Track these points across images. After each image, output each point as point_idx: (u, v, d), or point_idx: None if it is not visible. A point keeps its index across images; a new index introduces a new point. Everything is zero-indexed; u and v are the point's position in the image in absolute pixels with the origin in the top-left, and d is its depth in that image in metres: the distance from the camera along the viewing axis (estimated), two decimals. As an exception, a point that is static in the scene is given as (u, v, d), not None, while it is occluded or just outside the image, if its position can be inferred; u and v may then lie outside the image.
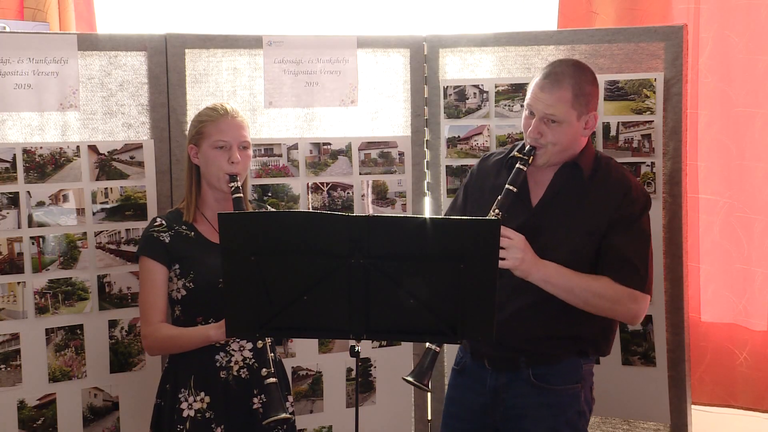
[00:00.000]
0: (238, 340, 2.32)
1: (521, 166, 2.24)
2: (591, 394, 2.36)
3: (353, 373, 3.00)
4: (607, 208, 2.23)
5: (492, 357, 2.31)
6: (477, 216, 2.20)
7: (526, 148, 2.26)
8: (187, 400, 2.29)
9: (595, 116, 2.27)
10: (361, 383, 3.04)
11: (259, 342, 2.24)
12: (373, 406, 3.07)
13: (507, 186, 2.23)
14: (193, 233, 2.36)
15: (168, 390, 2.34)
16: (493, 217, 2.16)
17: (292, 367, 2.97)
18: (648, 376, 2.98)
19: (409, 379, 2.13)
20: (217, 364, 2.31)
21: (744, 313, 3.34)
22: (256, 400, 2.31)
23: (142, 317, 2.35)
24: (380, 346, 3.06)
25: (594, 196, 2.25)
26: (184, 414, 2.28)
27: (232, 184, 2.30)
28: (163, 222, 2.36)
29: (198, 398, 2.29)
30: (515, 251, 2.13)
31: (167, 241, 2.32)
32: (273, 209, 2.67)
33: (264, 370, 2.18)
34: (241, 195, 2.29)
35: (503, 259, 2.09)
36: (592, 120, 2.26)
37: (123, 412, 2.81)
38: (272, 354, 2.21)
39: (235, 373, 2.32)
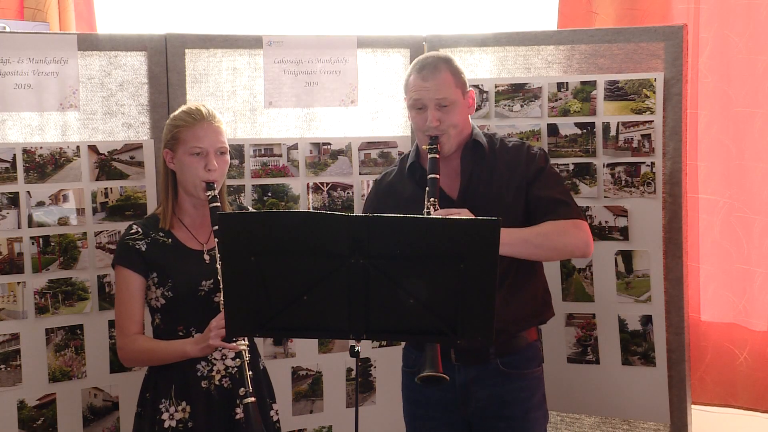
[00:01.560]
0: (220, 349, 2.25)
1: (434, 155, 2.31)
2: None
3: (353, 373, 3.00)
4: (518, 171, 2.35)
5: (461, 351, 2.33)
6: None
7: (428, 142, 2.32)
8: (168, 410, 2.25)
9: (472, 93, 2.41)
10: (361, 383, 3.04)
11: (237, 359, 2.21)
12: (373, 406, 3.07)
13: (429, 176, 2.29)
14: (170, 240, 2.30)
15: (148, 399, 2.30)
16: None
17: (292, 367, 2.98)
18: (648, 376, 2.98)
19: (426, 374, 2.07)
20: (198, 374, 2.27)
21: (744, 312, 3.34)
22: (239, 410, 2.25)
23: (117, 328, 2.30)
24: (380, 346, 3.06)
25: (501, 166, 2.37)
26: (166, 425, 2.24)
27: (209, 192, 2.23)
28: (139, 229, 2.29)
29: (179, 408, 2.26)
30: None
31: (143, 249, 2.27)
32: (253, 210, 2.64)
33: (242, 389, 2.12)
34: (219, 204, 2.23)
35: None
36: (472, 97, 2.41)
37: (123, 412, 2.81)
38: (250, 372, 2.14)
39: (217, 383, 2.28)
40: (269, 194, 2.96)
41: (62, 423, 2.73)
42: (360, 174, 3.04)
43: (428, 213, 2.24)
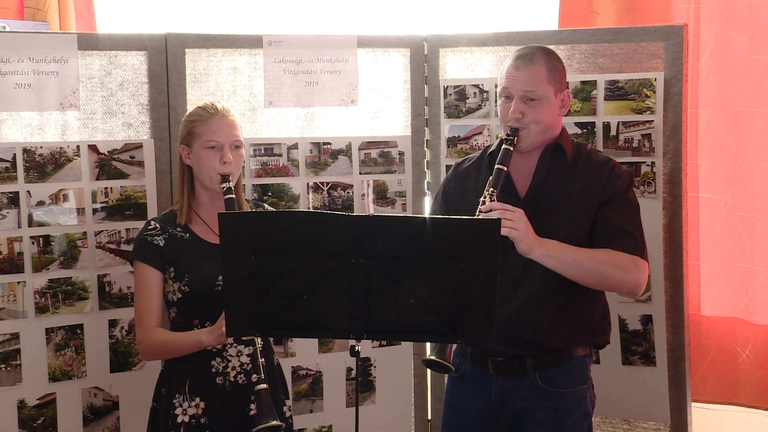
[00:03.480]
0: (235, 345, 2.30)
1: (507, 146, 2.23)
2: (593, 391, 2.36)
3: (353, 373, 3.00)
4: (595, 189, 2.24)
5: (497, 362, 2.27)
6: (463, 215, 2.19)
7: (507, 132, 2.25)
8: (181, 405, 2.27)
9: (568, 94, 2.31)
10: (361, 383, 3.04)
11: (249, 347, 2.21)
12: (373, 405, 3.07)
13: (497, 166, 2.22)
14: (188, 235, 2.33)
15: (163, 394, 2.32)
16: (497, 215, 2.13)
17: (292, 367, 2.98)
18: (648, 376, 2.98)
19: (432, 358, 2.03)
20: (213, 370, 2.29)
21: (746, 312, 3.35)
22: (253, 406, 2.25)
23: (137, 322, 2.33)
24: (380, 345, 3.06)
25: (580, 178, 2.26)
26: (179, 419, 2.26)
27: (224, 184, 2.26)
28: (157, 225, 2.33)
29: (193, 404, 2.27)
30: (519, 222, 2.10)
31: (161, 244, 2.30)
32: (271, 208, 2.66)
33: (254, 375, 2.13)
34: (233, 196, 2.26)
35: (508, 228, 2.07)
36: (567, 98, 2.30)
37: (123, 412, 2.81)
38: (262, 359, 2.16)
39: (232, 379, 2.29)
40: (269, 194, 2.96)
41: (62, 423, 2.73)
42: (360, 174, 3.04)
43: (484, 202, 2.16)
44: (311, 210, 2.96)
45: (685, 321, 2.98)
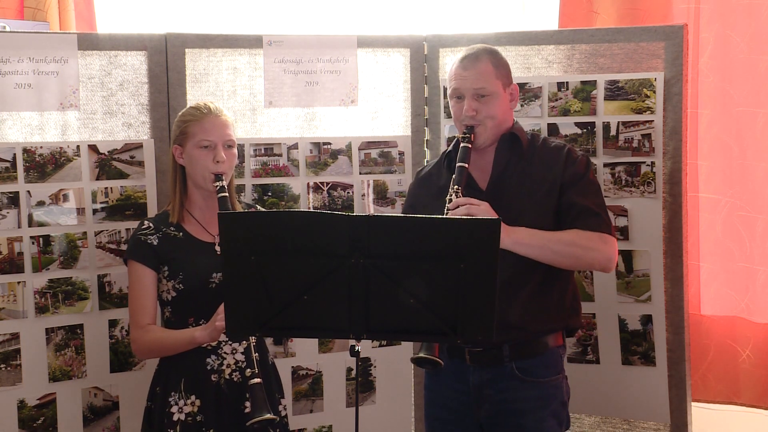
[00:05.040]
0: (230, 342, 2.30)
1: (465, 144, 2.29)
2: (567, 382, 2.40)
3: (353, 373, 3.00)
4: (554, 172, 2.30)
5: (474, 353, 2.31)
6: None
7: (463, 131, 2.31)
8: (177, 404, 2.27)
9: (516, 88, 2.38)
10: (361, 383, 3.04)
11: (243, 342, 2.22)
12: (373, 405, 3.07)
13: (458, 164, 2.27)
14: (181, 233, 2.34)
15: (158, 393, 2.32)
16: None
17: (292, 367, 2.97)
18: (648, 376, 2.98)
19: (421, 355, 2.07)
20: (208, 367, 2.29)
21: (747, 311, 3.35)
22: (248, 404, 2.27)
23: (131, 320, 2.33)
24: (380, 345, 3.06)
25: (538, 163, 2.33)
26: (174, 417, 2.26)
27: (217, 183, 2.28)
28: (151, 225, 2.34)
29: (188, 402, 2.27)
30: (485, 215, 2.16)
31: (155, 243, 2.31)
32: (263, 209, 2.66)
33: (248, 370, 2.15)
34: (226, 194, 2.28)
35: None
36: (515, 91, 2.38)
37: (123, 412, 2.81)
38: (256, 354, 2.18)
39: (227, 377, 2.30)
40: (269, 194, 2.96)
41: (62, 423, 2.73)
42: (360, 174, 3.04)
43: (450, 200, 2.22)
44: (311, 210, 2.96)
45: (685, 321, 2.97)
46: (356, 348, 1.87)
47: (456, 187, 2.25)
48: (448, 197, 2.23)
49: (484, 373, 2.31)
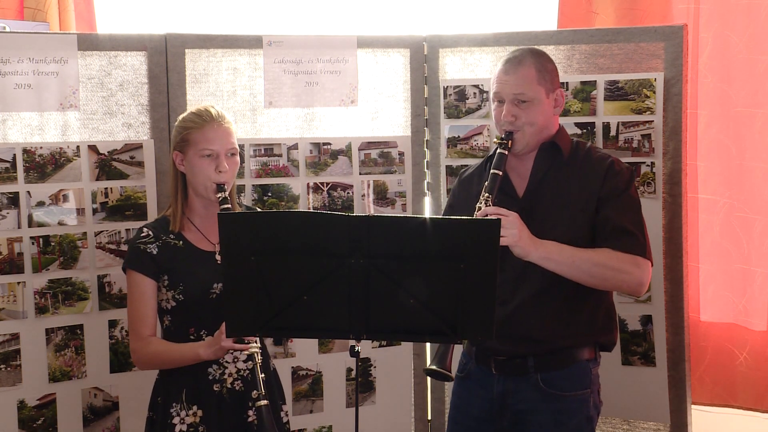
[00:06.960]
0: (231, 352, 2.25)
1: (502, 151, 2.24)
2: (599, 397, 2.34)
3: (353, 373, 3.00)
4: (593, 185, 2.22)
5: (499, 362, 2.27)
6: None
7: (501, 137, 2.26)
8: (179, 414, 2.23)
9: (561, 93, 2.30)
10: (361, 383, 3.04)
11: (245, 352, 2.19)
12: (373, 406, 3.07)
13: (492, 171, 2.23)
14: (181, 242, 2.29)
15: (159, 403, 2.28)
16: (494, 218, 2.14)
17: (292, 367, 2.98)
18: (648, 376, 2.98)
19: (433, 367, 2.06)
20: (210, 377, 2.26)
21: (744, 312, 3.34)
22: (250, 412, 2.24)
23: (131, 331, 2.29)
24: (380, 346, 3.06)
25: (578, 175, 2.25)
26: (177, 429, 2.23)
27: (220, 194, 2.22)
28: (150, 232, 2.28)
29: (190, 412, 2.24)
30: (512, 227, 2.10)
31: (155, 252, 2.25)
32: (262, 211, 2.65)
33: (254, 392, 2.11)
34: (229, 206, 2.22)
35: (501, 236, 2.03)
36: (560, 97, 2.30)
37: (123, 412, 2.81)
38: (263, 375, 2.13)
39: (229, 386, 2.27)
40: (269, 194, 2.96)
41: (62, 423, 2.73)
42: (360, 174, 3.04)
43: (479, 208, 2.17)
44: (311, 210, 2.96)
45: (685, 321, 2.98)
46: (356, 348, 1.87)
47: (486, 194, 2.20)
48: (478, 204, 2.19)
49: (509, 382, 2.26)
